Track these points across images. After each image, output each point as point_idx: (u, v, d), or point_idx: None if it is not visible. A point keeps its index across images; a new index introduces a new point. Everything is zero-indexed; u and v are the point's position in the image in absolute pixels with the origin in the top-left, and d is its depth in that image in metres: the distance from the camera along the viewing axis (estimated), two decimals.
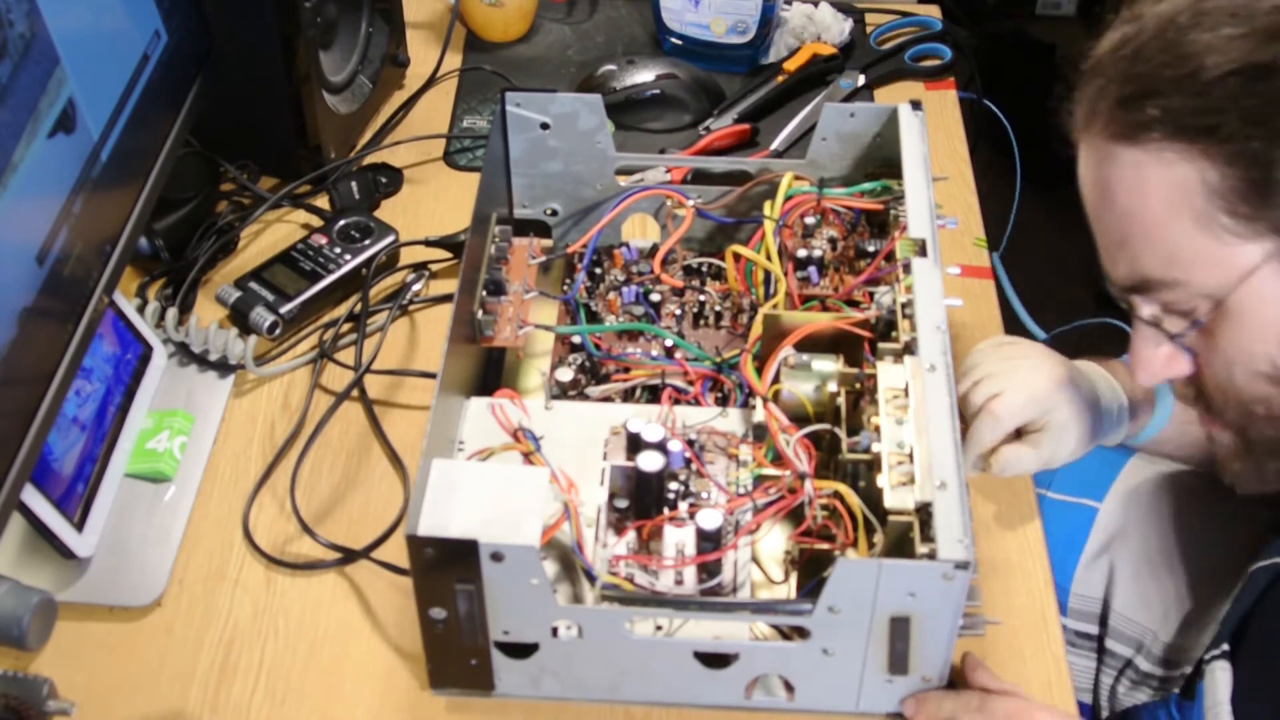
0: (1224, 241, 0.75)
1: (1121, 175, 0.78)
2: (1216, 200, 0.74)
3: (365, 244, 1.17)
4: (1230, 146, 0.73)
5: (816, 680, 0.85)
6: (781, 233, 1.06)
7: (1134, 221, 0.78)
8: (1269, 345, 0.77)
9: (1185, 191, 0.75)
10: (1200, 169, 0.74)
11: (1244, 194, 0.73)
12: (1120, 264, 0.81)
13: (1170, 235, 0.76)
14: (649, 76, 1.37)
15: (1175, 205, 0.75)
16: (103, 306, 0.96)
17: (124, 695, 0.91)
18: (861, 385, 0.92)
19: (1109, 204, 0.80)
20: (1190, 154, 0.74)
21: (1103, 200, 0.80)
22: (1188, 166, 0.74)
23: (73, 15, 0.90)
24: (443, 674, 0.88)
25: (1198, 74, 0.74)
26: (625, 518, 0.91)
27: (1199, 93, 0.74)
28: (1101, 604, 1.10)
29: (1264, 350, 0.78)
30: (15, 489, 0.84)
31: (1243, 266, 0.75)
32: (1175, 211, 0.76)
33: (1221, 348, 0.79)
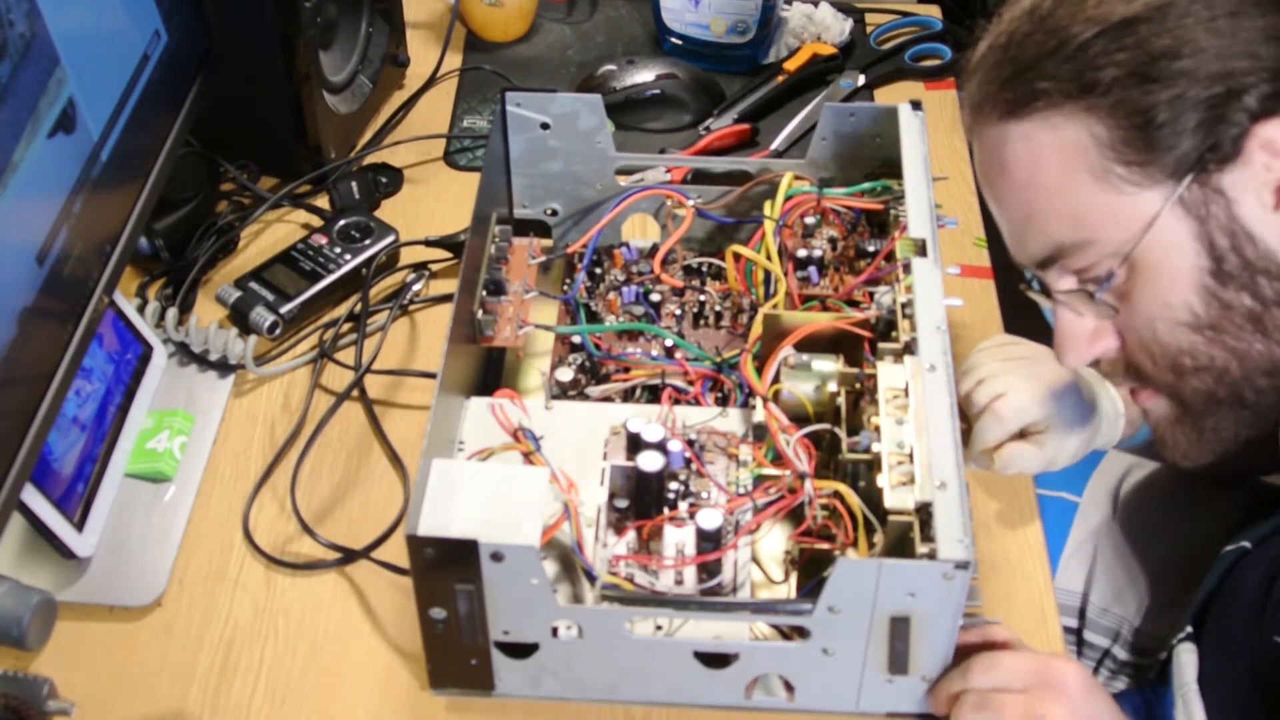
0: (1124, 192, 0.77)
1: (1015, 151, 0.80)
2: (1108, 153, 0.76)
3: (365, 244, 1.17)
4: (1110, 99, 0.76)
5: (816, 680, 0.85)
6: (781, 233, 1.06)
7: (1035, 191, 0.80)
8: (1185, 292, 0.78)
9: (1078, 150, 0.77)
10: (1087, 125, 0.77)
11: (1132, 142, 0.76)
12: (1030, 240, 0.83)
13: (1072, 196, 0.78)
14: (649, 76, 1.37)
15: (1071, 165, 0.78)
16: (103, 306, 0.96)
17: (124, 695, 0.91)
18: (861, 385, 0.92)
19: (1009, 182, 0.82)
20: (1075, 114, 0.77)
21: (1003, 180, 0.82)
22: (1075, 126, 0.77)
23: (73, 15, 0.90)
24: (443, 674, 0.88)
25: (1069, 40, 0.77)
26: (625, 518, 0.91)
27: (1073, 57, 0.77)
28: (1080, 597, 1.11)
29: (1181, 299, 0.78)
30: (15, 489, 0.84)
31: (1145, 214, 0.77)
32: (1072, 171, 0.78)
33: (1140, 305, 0.80)
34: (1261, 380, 0.80)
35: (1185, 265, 0.78)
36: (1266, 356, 0.79)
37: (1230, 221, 0.76)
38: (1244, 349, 0.79)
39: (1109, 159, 0.77)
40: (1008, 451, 0.96)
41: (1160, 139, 0.75)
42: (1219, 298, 0.78)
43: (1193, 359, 0.81)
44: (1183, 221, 0.77)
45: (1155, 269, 0.78)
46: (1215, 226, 0.76)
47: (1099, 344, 0.84)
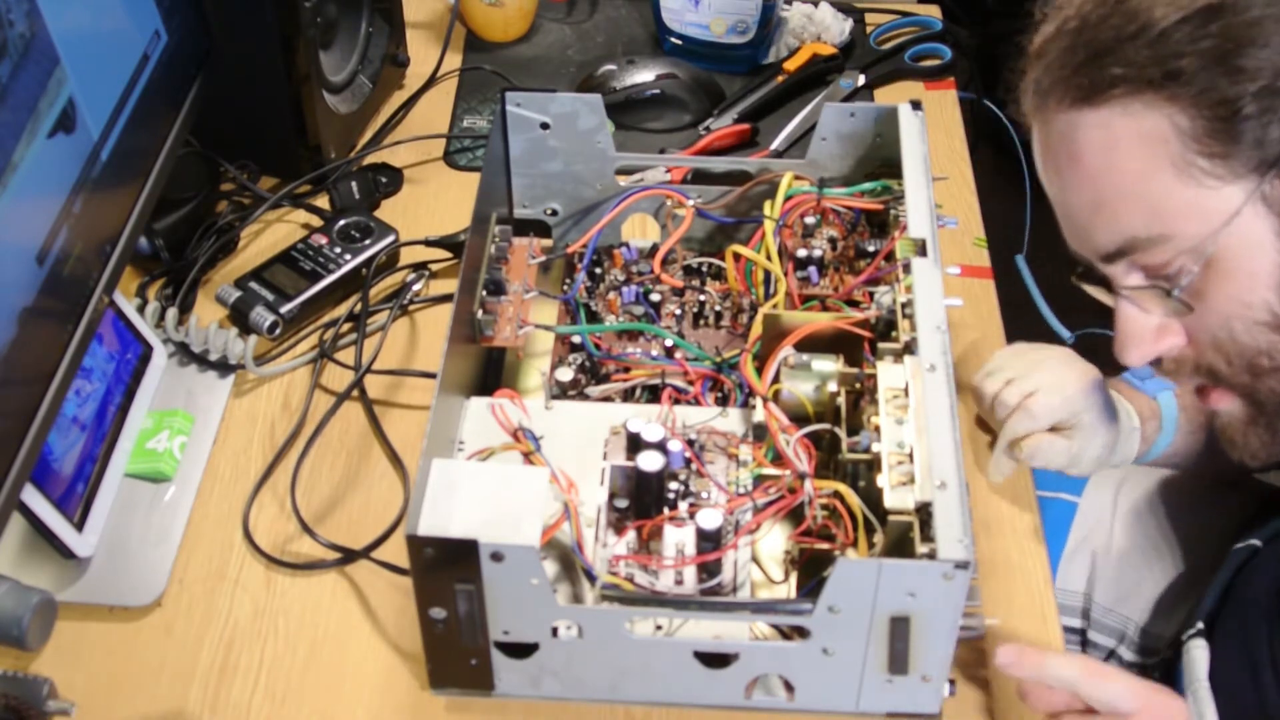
0: (1204, 185, 0.74)
1: (1089, 138, 0.77)
2: (1190, 144, 0.73)
3: (365, 244, 1.17)
4: (1194, 88, 0.72)
5: (816, 680, 0.85)
6: (781, 233, 1.06)
7: (1109, 181, 0.77)
8: (1265, 291, 0.76)
9: (1158, 140, 0.74)
10: (1169, 115, 0.73)
11: (1216, 133, 0.73)
12: (1099, 232, 0.79)
13: (1150, 187, 0.75)
14: (649, 76, 1.37)
15: (1151, 156, 0.75)
16: (103, 306, 0.96)
17: (124, 695, 0.91)
18: (861, 385, 0.92)
19: (1079, 171, 0.78)
20: (1156, 102, 0.74)
21: (1072, 169, 0.79)
22: (1156, 115, 0.74)
23: (73, 15, 0.90)
24: (443, 674, 0.88)
25: (1149, 26, 0.73)
26: (625, 518, 0.91)
27: (1154, 43, 0.73)
28: (1084, 597, 1.11)
29: (1260, 298, 0.76)
30: (15, 489, 0.84)
31: (1226, 210, 0.74)
32: (1152, 162, 0.75)
33: (1217, 304, 0.77)
34: None
35: (1265, 263, 0.75)
36: None
37: None
38: None
39: (1191, 150, 0.73)
40: (1035, 440, 0.96)
41: (1244, 131, 0.72)
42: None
43: (1270, 359, 0.78)
44: (1264, 218, 0.74)
45: (1234, 267, 0.76)
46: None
47: (1164, 341, 0.81)
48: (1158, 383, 1.02)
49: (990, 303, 1.17)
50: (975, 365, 1.11)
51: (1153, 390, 1.03)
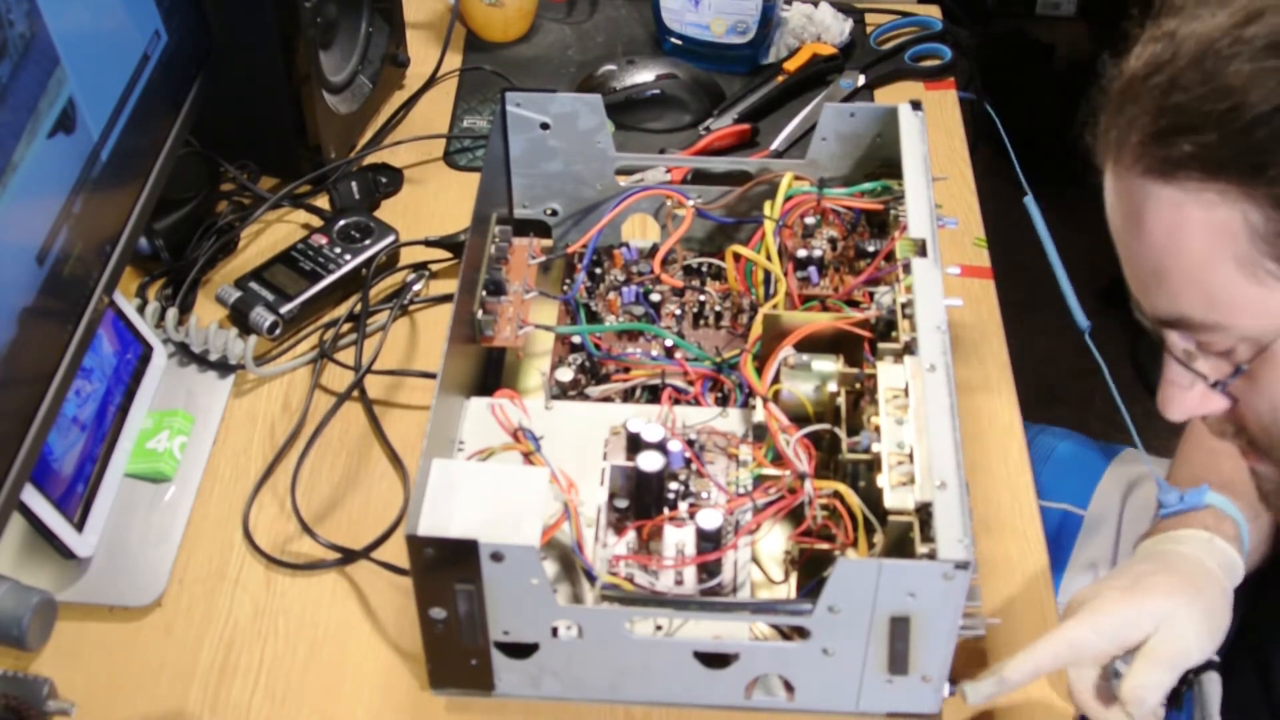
0: (1269, 287, 0.70)
1: (1159, 213, 0.72)
2: (1261, 244, 0.69)
3: (365, 244, 1.17)
4: (1277, 189, 0.68)
5: (816, 680, 0.85)
6: (781, 233, 1.06)
7: (1173, 261, 0.73)
8: None
9: (1228, 235, 0.70)
10: (1244, 211, 0.69)
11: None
12: (1156, 298, 0.76)
13: (1212, 279, 0.72)
14: (649, 76, 1.37)
15: (1218, 248, 0.71)
16: (103, 306, 0.96)
17: (124, 695, 0.91)
18: (861, 385, 0.92)
19: (1144, 239, 0.74)
20: (1232, 195, 0.69)
21: (1137, 235, 0.75)
22: (1230, 209, 0.69)
23: (73, 15, 0.90)
24: (443, 674, 0.88)
25: (1240, 110, 0.68)
26: (625, 518, 0.91)
27: (1242, 131, 0.68)
28: None
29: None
30: (15, 489, 0.84)
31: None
32: (1217, 255, 0.71)
33: (1266, 390, 0.75)
34: None
35: None
36: None
37: None
38: None
39: (1261, 251, 0.69)
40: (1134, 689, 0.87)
41: None
42: None
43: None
44: None
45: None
46: None
47: (1208, 405, 0.79)
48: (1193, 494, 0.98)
49: (990, 303, 1.17)
50: (976, 365, 1.11)
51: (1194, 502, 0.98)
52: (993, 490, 1.03)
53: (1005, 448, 1.06)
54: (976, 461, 1.04)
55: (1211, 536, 0.94)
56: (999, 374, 1.11)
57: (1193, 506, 0.96)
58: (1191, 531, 0.94)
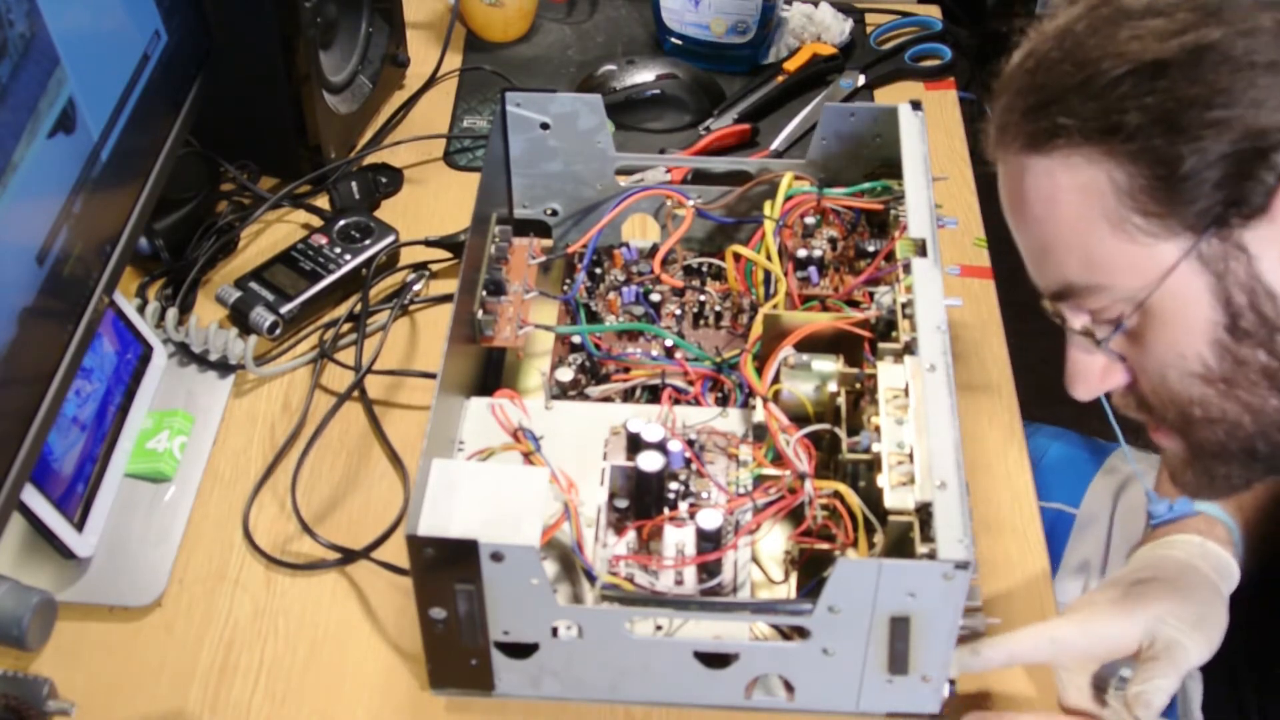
0: (1139, 242, 0.74)
1: (1035, 185, 0.77)
2: (1127, 201, 0.73)
3: (365, 244, 1.17)
4: (1134, 145, 0.72)
5: (816, 680, 0.85)
6: (781, 233, 1.06)
7: (1051, 229, 0.77)
8: (1197, 345, 0.76)
9: (1095, 195, 0.74)
10: (1108, 170, 0.73)
11: (1153, 192, 0.73)
12: (1044, 273, 0.80)
13: (1086, 240, 0.76)
14: (649, 76, 1.37)
15: (1088, 209, 0.75)
16: (103, 306, 0.96)
17: (124, 695, 0.91)
18: (861, 385, 0.92)
19: (1026, 215, 0.79)
20: (1096, 157, 0.74)
21: (1020, 212, 0.79)
22: (1095, 169, 0.74)
23: (73, 15, 0.90)
24: (443, 674, 0.88)
25: (1096, 77, 0.73)
26: (625, 518, 0.91)
27: (1099, 95, 0.73)
28: None
29: (1193, 350, 0.76)
30: (15, 489, 0.84)
31: (1161, 266, 0.74)
32: (1088, 216, 0.75)
33: (1152, 351, 0.77)
34: (1276, 435, 0.78)
35: (1199, 318, 0.75)
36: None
37: (1250, 279, 0.73)
38: (1258, 404, 0.77)
39: (1127, 207, 0.74)
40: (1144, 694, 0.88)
41: (1183, 191, 0.72)
42: (1233, 353, 0.75)
43: (1203, 410, 0.78)
44: (1200, 275, 0.74)
45: (1168, 318, 0.76)
46: (1233, 283, 0.73)
47: (1110, 379, 0.81)
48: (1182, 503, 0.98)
49: (990, 303, 1.17)
50: (976, 365, 1.11)
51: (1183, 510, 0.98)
52: (993, 490, 1.03)
53: (1005, 448, 1.06)
54: (976, 461, 1.04)
55: (1203, 540, 0.94)
56: (999, 374, 1.11)
57: (1182, 515, 0.97)
58: (1184, 537, 0.95)
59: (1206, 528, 0.96)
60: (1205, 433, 0.79)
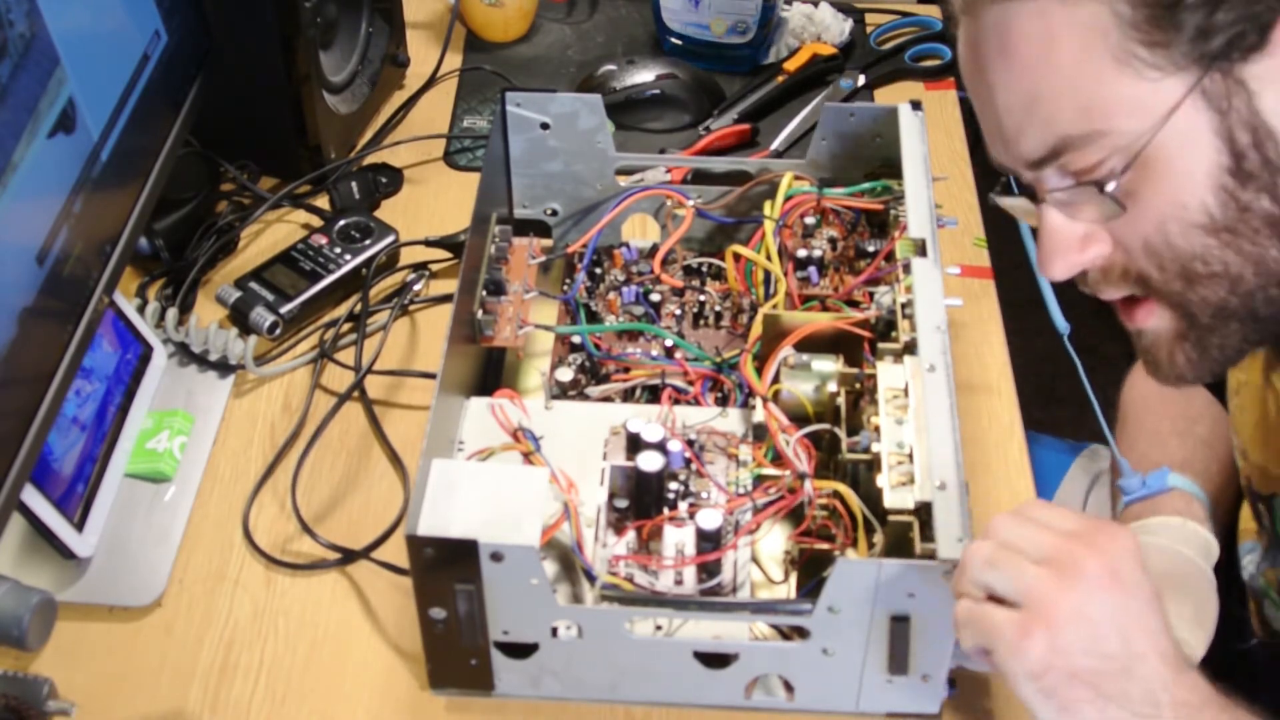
0: (1145, 77, 0.70)
1: (1026, 29, 0.71)
2: (1131, 32, 0.69)
3: (365, 244, 1.17)
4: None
5: (816, 680, 0.85)
6: (781, 233, 1.06)
7: (1045, 76, 0.72)
8: (1201, 191, 0.71)
9: (1098, 29, 0.70)
10: (1110, 2, 0.69)
11: (1158, 20, 0.68)
12: (1029, 134, 0.74)
13: (1088, 80, 0.71)
14: (649, 76, 1.37)
15: (1090, 46, 0.70)
16: (103, 306, 0.96)
17: (124, 695, 0.91)
18: (861, 385, 0.92)
19: (1013, 66, 0.73)
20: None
21: (1005, 64, 0.73)
22: (1096, 3, 0.69)
23: (73, 15, 0.90)
24: (443, 674, 0.88)
25: None
26: (625, 518, 0.91)
27: None
28: None
29: (1197, 198, 0.71)
30: (15, 489, 0.84)
31: (1166, 104, 0.70)
32: (1091, 53, 0.70)
33: (1151, 205, 0.73)
34: (1275, 290, 0.74)
35: (1203, 162, 0.71)
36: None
37: (1252, 116, 0.70)
38: (1260, 254, 0.73)
39: (1132, 39, 0.69)
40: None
41: (1186, 20, 0.68)
42: (1237, 199, 0.71)
43: (1205, 264, 0.73)
44: (1203, 114, 0.70)
45: (1170, 165, 0.71)
46: (1237, 121, 0.70)
47: (1090, 250, 0.76)
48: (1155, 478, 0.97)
49: (990, 303, 1.17)
50: (976, 365, 1.11)
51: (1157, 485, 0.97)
52: (993, 490, 1.03)
53: (1005, 448, 1.06)
54: (976, 461, 1.04)
55: (1184, 521, 0.94)
56: (999, 374, 1.11)
57: (1156, 490, 0.96)
58: (1163, 519, 0.94)
59: (1184, 505, 0.95)
60: (1206, 291, 0.75)
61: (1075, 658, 0.70)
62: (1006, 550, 0.73)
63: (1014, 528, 0.74)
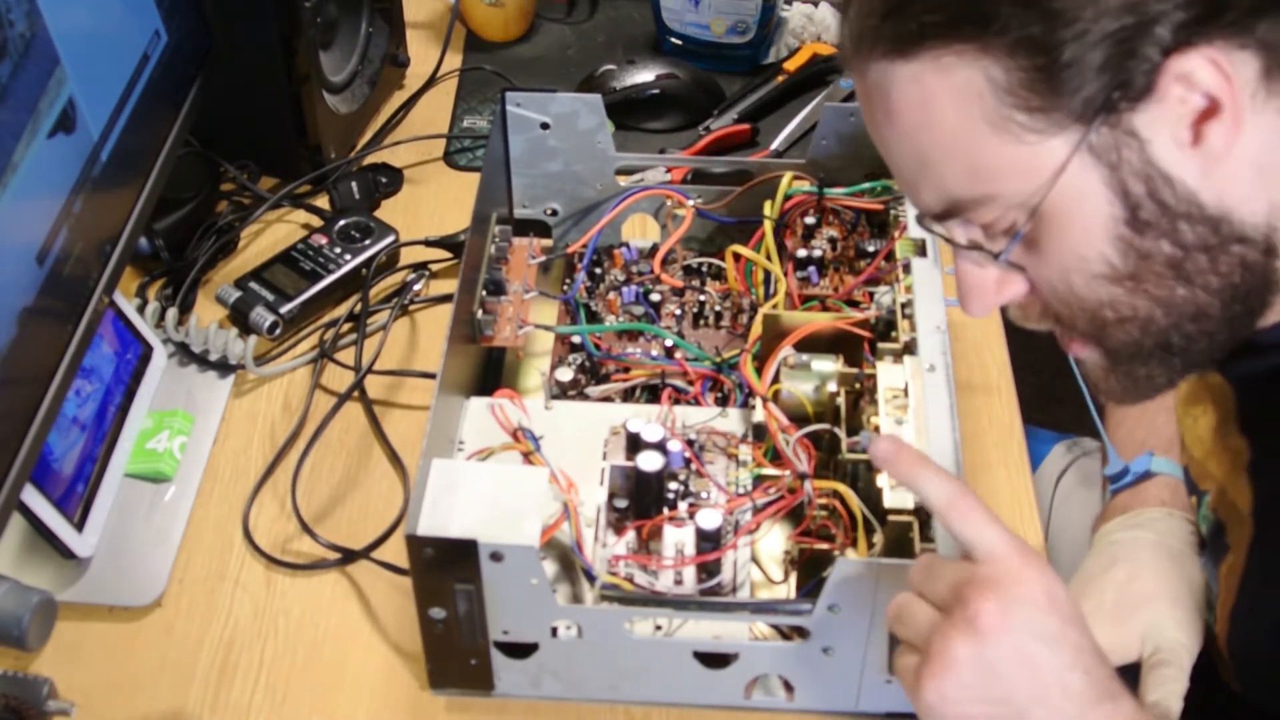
0: (1025, 142, 0.68)
1: (904, 94, 0.70)
2: (1006, 98, 0.67)
3: (365, 244, 1.17)
4: (1009, 36, 0.66)
5: (816, 680, 0.85)
6: (781, 233, 1.06)
7: (927, 140, 0.71)
8: (1099, 244, 0.70)
9: (973, 96, 0.68)
10: (983, 67, 0.67)
11: (1034, 85, 0.67)
12: (924, 191, 0.73)
13: (968, 147, 0.69)
14: (649, 76, 1.37)
15: (966, 113, 0.68)
16: (103, 306, 0.96)
17: (124, 695, 0.91)
18: (861, 385, 0.92)
19: (897, 128, 0.72)
20: (969, 54, 0.67)
21: (890, 125, 0.72)
22: (969, 69, 0.67)
23: (73, 15, 0.90)
24: (443, 674, 0.88)
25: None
26: (625, 518, 0.91)
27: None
28: None
29: (1096, 250, 0.70)
30: (15, 489, 0.84)
31: (1052, 165, 0.68)
32: (968, 120, 0.69)
33: (1052, 257, 0.72)
34: (1189, 326, 0.73)
35: (1098, 216, 0.69)
36: (1192, 302, 0.72)
37: (1145, 165, 0.68)
38: (1167, 297, 0.72)
39: (1008, 105, 0.67)
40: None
41: (1065, 81, 0.66)
42: (1136, 247, 0.70)
43: (1114, 310, 0.72)
44: (1092, 170, 0.68)
45: (1065, 221, 0.70)
46: (1129, 172, 0.68)
47: (1006, 291, 0.75)
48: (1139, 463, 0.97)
49: None
50: (976, 365, 1.11)
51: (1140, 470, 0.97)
52: (993, 490, 1.03)
53: (1005, 448, 1.06)
54: (976, 461, 1.04)
55: (1170, 511, 0.93)
56: (999, 374, 1.11)
57: (1140, 475, 0.96)
58: (1149, 512, 0.94)
59: (1170, 495, 0.95)
60: (1119, 334, 0.74)
61: (966, 705, 0.70)
62: (911, 600, 0.73)
63: (921, 576, 0.73)
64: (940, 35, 0.68)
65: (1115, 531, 0.95)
